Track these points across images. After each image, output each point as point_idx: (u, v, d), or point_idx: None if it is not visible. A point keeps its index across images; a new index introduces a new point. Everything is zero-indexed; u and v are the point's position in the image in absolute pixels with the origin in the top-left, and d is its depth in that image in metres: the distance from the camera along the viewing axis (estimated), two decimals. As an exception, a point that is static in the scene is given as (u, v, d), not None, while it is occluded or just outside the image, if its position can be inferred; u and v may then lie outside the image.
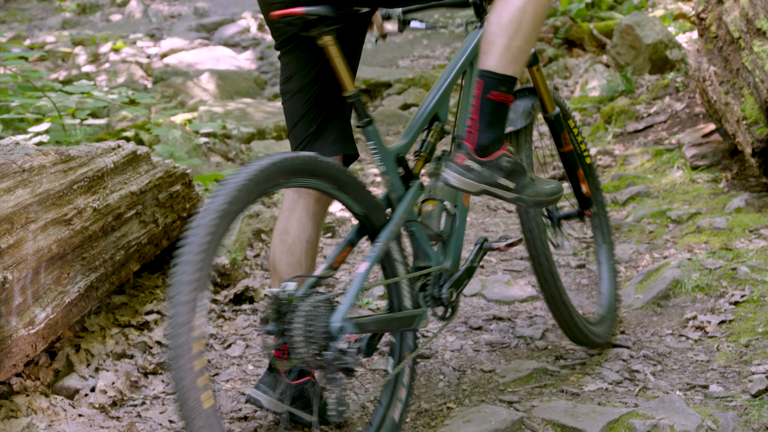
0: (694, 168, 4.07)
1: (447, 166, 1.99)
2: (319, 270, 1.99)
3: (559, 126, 2.54)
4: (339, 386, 1.79)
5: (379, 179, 4.81)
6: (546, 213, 2.57)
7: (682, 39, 6.07)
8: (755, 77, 3.20)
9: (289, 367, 1.90)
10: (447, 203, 2.24)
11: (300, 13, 1.85)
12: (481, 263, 2.42)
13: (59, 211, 2.09)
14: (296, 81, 2.15)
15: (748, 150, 3.31)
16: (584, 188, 2.59)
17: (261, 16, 8.77)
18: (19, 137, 3.74)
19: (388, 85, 7.92)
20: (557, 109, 2.54)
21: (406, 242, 2.14)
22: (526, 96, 2.59)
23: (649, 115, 5.07)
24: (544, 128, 2.64)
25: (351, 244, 2.04)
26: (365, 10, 2.17)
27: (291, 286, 1.81)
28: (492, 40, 1.97)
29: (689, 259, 3.00)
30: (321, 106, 2.15)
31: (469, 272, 2.25)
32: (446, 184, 1.99)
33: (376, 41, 2.87)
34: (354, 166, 3.56)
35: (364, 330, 1.89)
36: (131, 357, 2.42)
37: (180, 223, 2.88)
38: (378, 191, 4.00)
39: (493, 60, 1.96)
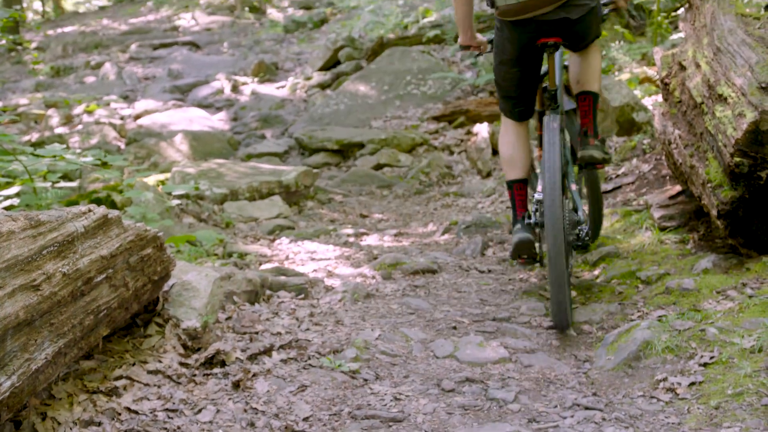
0: (662, 229, 4.13)
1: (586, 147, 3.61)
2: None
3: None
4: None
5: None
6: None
7: (648, 102, 6.22)
8: (718, 141, 3.28)
9: None
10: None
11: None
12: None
13: (27, 276, 2.07)
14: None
15: (714, 212, 3.38)
16: None
17: (235, 77, 9.08)
18: (-11, 201, 3.72)
19: (361, 145, 7.99)
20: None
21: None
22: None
23: (618, 176, 5.16)
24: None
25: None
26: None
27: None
28: (593, 74, 3.74)
29: (659, 320, 3.03)
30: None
31: None
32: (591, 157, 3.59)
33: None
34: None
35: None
36: (99, 424, 2.37)
37: (151, 286, 2.86)
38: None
39: (596, 86, 3.73)
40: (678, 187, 4.30)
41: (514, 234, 3.65)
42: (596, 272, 4.04)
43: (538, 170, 3.88)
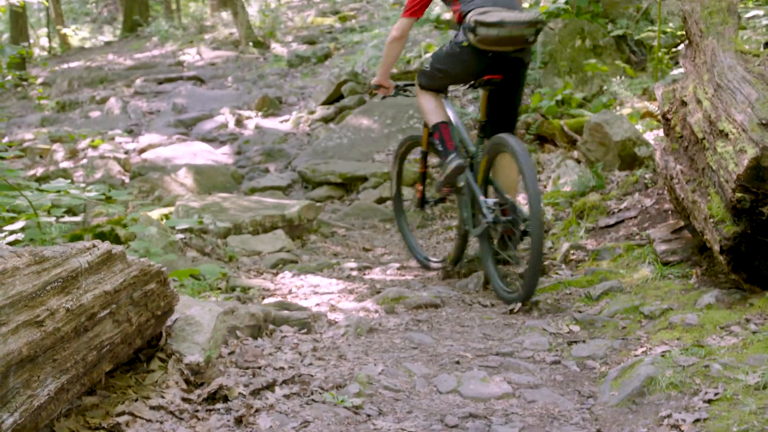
0: (665, 264, 4.13)
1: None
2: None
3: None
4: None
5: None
6: None
7: (649, 136, 6.25)
8: (720, 177, 3.30)
9: None
10: None
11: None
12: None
13: (31, 312, 2.08)
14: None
15: (717, 247, 3.38)
16: None
17: (238, 111, 9.26)
18: (-6, 236, 3.74)
19: (364, 179, 8.02)
20: None
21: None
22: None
23: (620, 210, 5.17)
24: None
25: None
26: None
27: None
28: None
29: (663, 356, 3.02)
30: None
31: None
32: None
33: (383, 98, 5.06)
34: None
35: None
36: (100, 461, 2.37)
37: (154, 321, 2.86)
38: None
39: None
40: (680, 222, 4.31)
41: (450, 161, 4.49)
42: (599, 307, 4.03)
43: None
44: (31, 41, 23.22)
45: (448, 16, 13.68)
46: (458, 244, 4.93)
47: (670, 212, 4.68)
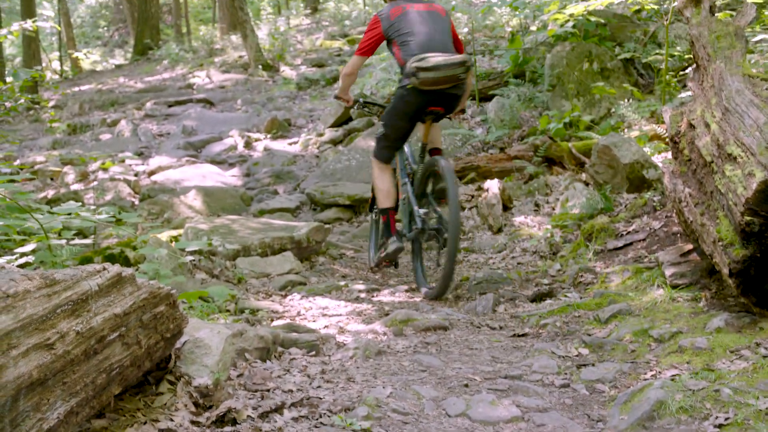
0: (674, 286, 4.12)
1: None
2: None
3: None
4: None
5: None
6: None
7: (657, 159, 6.25)
8: (729, 200, 3.29)
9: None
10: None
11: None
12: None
13: (42, 335, 2.09)
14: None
15: (726, 271, 3.38)
16: None
17: (248, 134, 9.74)
18: (5, 258, 3.76)
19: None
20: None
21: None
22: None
23: (628, 233, 5.16)
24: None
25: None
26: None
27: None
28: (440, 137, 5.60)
29: (672, 380, 3.00)
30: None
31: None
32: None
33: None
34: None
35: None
36: (109, 484, 2.36)
37: (163, 344, 2.86)
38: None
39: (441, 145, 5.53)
40: (689, 245, 4.30)
41: (391, 243, 5.34)
42: (608, 329, 4.02)
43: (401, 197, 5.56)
44: (44, 65, 23.46)
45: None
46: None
47: (678, 235, 4.67)
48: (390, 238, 5.36)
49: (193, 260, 5.34)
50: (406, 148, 5.57)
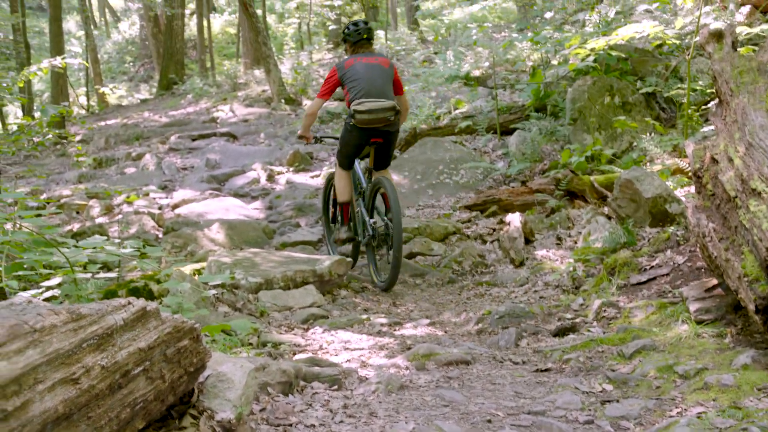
0: (699, 322, 4.08)
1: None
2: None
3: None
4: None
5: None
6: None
7: (680, 193, 6.23)
8: (753, 236, 3.27)
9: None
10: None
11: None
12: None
13: (68, 370, 2.11)
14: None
15: (751, 307, 3.34)
16: None
17: (270, 167, 10.53)
18: (31, 292, 3.80)
19: (395, 235, 8.02)
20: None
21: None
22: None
23: (652, 267, 5.13)
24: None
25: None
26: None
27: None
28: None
29: (699, 417, 2.97)
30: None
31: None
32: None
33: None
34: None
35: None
36: None
37: (187, 378, 2.88)
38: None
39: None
40: (714, 280, 4.26)
41: (342, 231, 7.18)
42: (632, 365, 3.98)
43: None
44: (71, 99, 23.85)
45: (476, 73, 13.88)
46: (353, 250, 7.47)
47: (702, 270, 4.64)
48: (343, 226, 7.23)
49: (216, 293, 5.36)
50: (358, 171, 7.04)
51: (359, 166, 7.07)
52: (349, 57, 6.74)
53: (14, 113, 27.32)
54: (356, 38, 6.81)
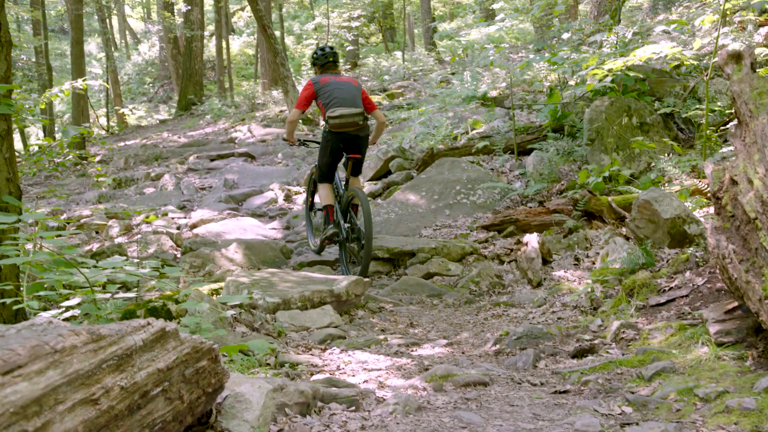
0: (719, 344, 4.04)
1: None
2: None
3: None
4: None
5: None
6: None
7: (699, 214, 6.19)
8: (773, 256, 3.25)
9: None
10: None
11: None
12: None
13: (87, 390, 2.13)
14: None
15: (772, 328, 3.31)
16: None
17: (288, 187, 11.16)
18: (52, 312, 3.84)
19: (412, 254, 8.04)
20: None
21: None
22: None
23: (671, 288, 5.09)
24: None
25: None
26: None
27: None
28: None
29: (719, 441, 2.94)
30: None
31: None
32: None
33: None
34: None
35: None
36: None
37: (205, 398, 2.88)
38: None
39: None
40: (734, 302, 4.22)
41: (329, 229, 7.95)
42: (651, 387, 3.95)
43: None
44: (91, 120, 24.09)
45: (493, 93, 13.89)
46: (338, 246, 8.25)
47: (722, 291, 4.60)
48: (329, 225, 8.09)
49: (234, 314, 5.38)
50: (338, 179, 8.27)
51: (338, 179, 8.32)
52: (321, 75, 7.99)
53: (36, 134, 27.64)
54: (323, 61, 8.14)
